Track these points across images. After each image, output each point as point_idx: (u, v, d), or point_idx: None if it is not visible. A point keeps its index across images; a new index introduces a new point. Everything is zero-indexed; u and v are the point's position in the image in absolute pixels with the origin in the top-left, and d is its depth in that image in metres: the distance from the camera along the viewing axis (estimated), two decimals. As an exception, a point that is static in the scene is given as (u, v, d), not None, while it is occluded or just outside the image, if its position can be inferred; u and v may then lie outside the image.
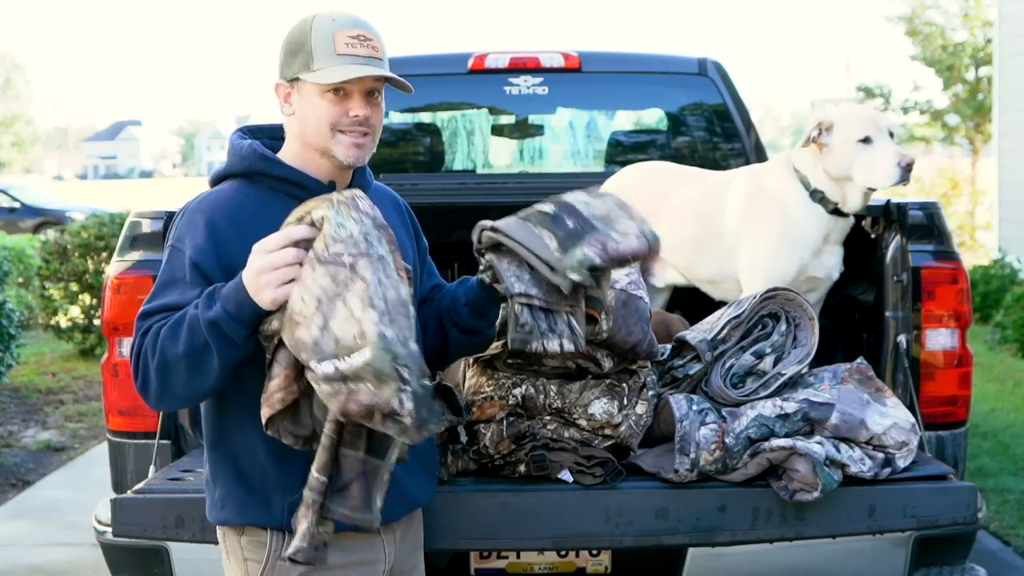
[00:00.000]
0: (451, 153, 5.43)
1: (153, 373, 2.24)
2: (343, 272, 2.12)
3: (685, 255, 3.96)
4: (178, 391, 2.26)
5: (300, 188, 2.43)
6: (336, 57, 2.37)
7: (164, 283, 2.33)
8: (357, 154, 2.42)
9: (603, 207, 2.48)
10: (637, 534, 2.84)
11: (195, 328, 2.19)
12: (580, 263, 2.37)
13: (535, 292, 2.42)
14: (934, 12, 19.29)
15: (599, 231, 2.42)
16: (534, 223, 2.44)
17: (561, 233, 2.41)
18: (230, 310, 2.18)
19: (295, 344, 2.11)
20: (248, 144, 2.47)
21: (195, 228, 2.35)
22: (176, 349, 2.21)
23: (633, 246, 2.40)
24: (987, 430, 7.12)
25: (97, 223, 10.33)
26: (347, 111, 2.40)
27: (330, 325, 2.09)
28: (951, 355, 3.47)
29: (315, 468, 2.19)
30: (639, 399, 2.87)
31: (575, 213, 2.45)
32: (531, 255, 2.41)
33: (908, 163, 3.50)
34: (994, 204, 14.07)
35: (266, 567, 2.39)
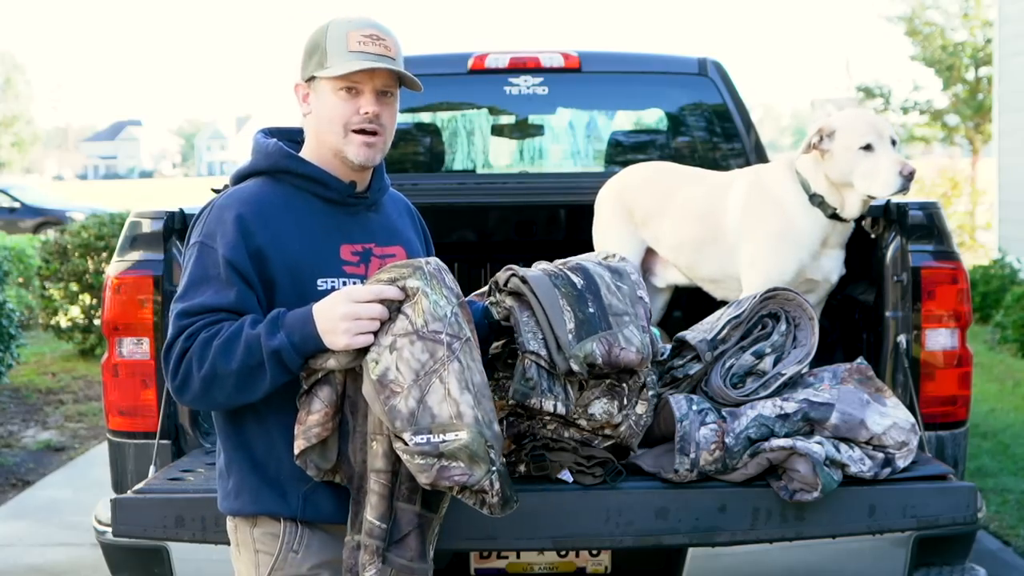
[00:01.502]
0: (451, 153, 5.43)
1: (197, 381, 2.28)
2: (441, 350, 2.23)
3: (687, 255, 3.96)
4: (218, 401, 2.33)
5: (323, 186, 2.47)
6: (348, 54, 2.41)
7: (196, 280, 2.35)
8: (368, 154, 2.45)
9: (620, 303, 2.68)
10: (637, 534, 2.84)
11: (253, 349, 2.25)
12: (585, 357, 2.59)
13: (544, 354, 2.58)
14: (934, 12, 19.28)
15: (611, 331, 2.62)
16: (562, 293, 2.61)
17: (581, 316, 2.60)
18: (295, 341, 2.25)
19: (389, 411, 2.20)
20: (273, 142, 2.51)
21: (225, 224, 2.37)
22: (229, 365, 2.26)
23: (630, 358, 2.65)
24: (987, 430, 7.12)
25: (97, 223, 10.33)
26: (358, 108, 2.43)
27: (427, 400, 2.19)
28: (951, 355, 3.47)
29: (375, 516, 2.29)
30: (639, 399, 2.87)
31: (597, 298, 2.64)
32: (548, 326, 2.57)
33: (909, 172, 3.46)
34: (994, 204, 14.07)
35: (278, 559, 2.41)
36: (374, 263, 2.47)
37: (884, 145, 3.52)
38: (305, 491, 2.38)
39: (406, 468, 2.28)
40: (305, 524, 2.41)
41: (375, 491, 2.28)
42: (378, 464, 2.28)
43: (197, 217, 2.46)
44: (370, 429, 2.30)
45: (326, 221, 2.46)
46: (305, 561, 2.40)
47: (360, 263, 2.46)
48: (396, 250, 2.54)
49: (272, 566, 2.41)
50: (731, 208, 3.79)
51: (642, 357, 2.67)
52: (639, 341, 2.66)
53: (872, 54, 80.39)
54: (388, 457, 2.28)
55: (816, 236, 3.63)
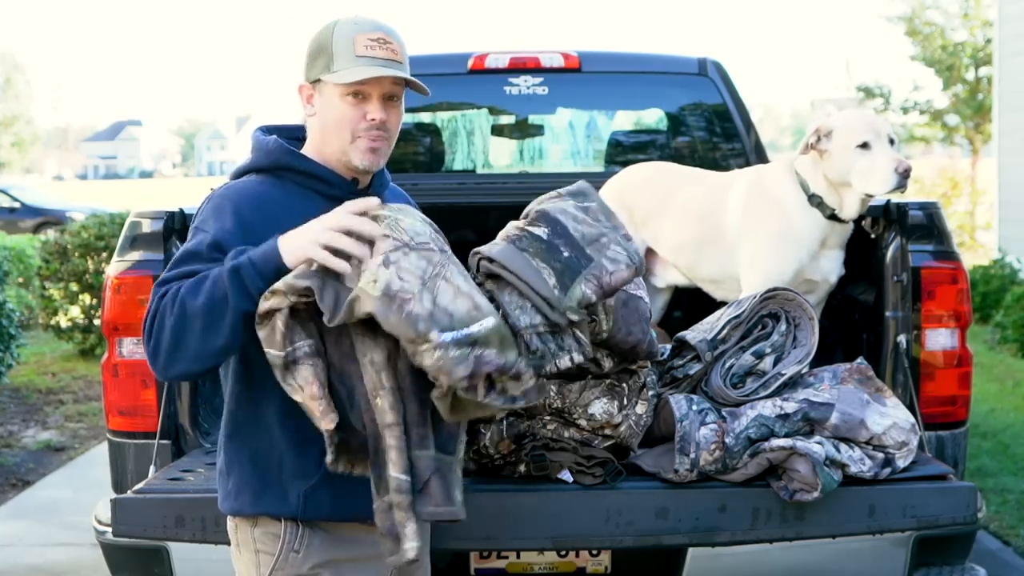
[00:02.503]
0: (451, 153, 5.43)
1: (168, 331, 2.22)
2: (436, 255, 2.25)
3: (687, 255, 3.96)
4: (190, 348, 2.23)
5: (324, 183, 2.47)
6: (355, 59, 2.40)
7: (183, 257, 2.34)
8: (372, 159, 2.46)
9: (592, 227, 2.54)
10: (637, 534, 2.84)
11: (217, 281, 2.21)
12: (579, 302, 2.46)
13: (539, 320, 2.48)
14: (934, 12, 19.27)
15: (594, 263, 2.49)
16: (531, 254, 2.49)
17: (558, 266, 2.48)
18: (254, 259, 2.22)
19: (407, 318, 2.14)
20: (273, 139, 2.50)
21: (222, 212, 2.37)
22: (196, 301, 2.21)
23: (624, 276, 2.51)
24: (987, 430, 7.12)
25: (97, 223, 10.33)
26: (365, 114, 2.43)
27: (439, 302, 2.17)
28: (951, 355, 3.47)
29: (399, 471, 2.22)
30: (639, 399, 2.88)
31: (567, 237, 2.51)
32: (531, 291, 2.46)
33: (905, 169, 3.47)
34: (994, 204, 14.07)
35: (279, 558, 2.40)
36: None
37: (881, 143, 3.53)
38: (305, 490, 2.39)
39: (412, 415, 2.25)
40: (306, 524, 2.41)
41: (392, 446, 2.23)
42: (388, 418, 2.23)
43: (198, 209, 2.46)
44: (369, 388, 2.24)
45: None
46: (306, 561, 2.41)
47: None
48: None
49: (273, 566, 2.41)
50: (731, 208, 3.80)
51: (635, 269, 2.52)
52: (625, 255, 2.52)
53: (872, 54, 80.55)
54: (395, 409, 2.23)
55: (815, 236, 3.63)
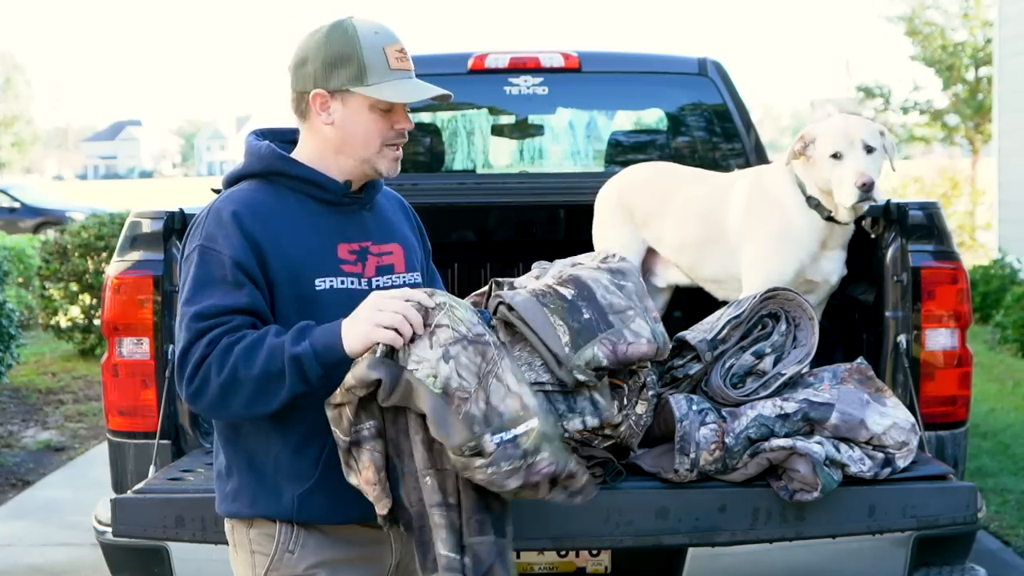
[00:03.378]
0: (451, 153, 5.43)
1: (215, 386, 2.25)
2: (491, 351, 2.25)
3: (689, 255, 3.96)
4: (233, 409, 2.29)
5: (318, 187, 2.47)
6: (391, 72, 2.41)
7: (203, 283, 2.33)
8: (397, 167, 2.49)
9: (622, 300, 2.55)
10: (637, 534, 2.84)
11: (275, 356, 2.23)
12: (587, 363, 2.46)
13: (546, 379, 2.48)
14: (934, 12, 19.27)
15: (613, 329, 2.49)
16: (551, 310, 2.49)
17: (576, 325, 2.47)
18: (317, 348, 2.23)
19: (464, 419, 2.16)
20: (266, 144, 2.50)
21: (225, 226, 2.36)
22: (249, 371, 2.24)
23: (643, 351, 2.50)
24: (987, 430, 7.12)
25: (97, 223, 10.33)
26: (393, 124, 2.45)
27: (491, 401, 2.19)
28: (951, 355, 3.47)
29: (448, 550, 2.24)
30: (639, 399, 2.87)
31: (593, 302, 2.51)
32: (541, 345, 2.47)
33: (863, 183, 3.41)
34: (994, 204, 14.07)
35: (273, 559, 2.41)
36: (371, 261, 2.47)
37: (853, 153, 3.50)
38: (300, 493, 2.38)
39: (469, 501, 2.26)
40: (300, 525, 2.41)
41: (441, 525, 2.25)
42: (436, 498, 2.25)
43: (194, 223, 2.44)
44: (419, 466, 2.25)
45: (322, 221, 2.46)
46: (301, 561, 2.41)
47: (357, 261, 2.46)
48: (393, 247, 2.54)
49: (268, 566, 2.42)
50: (732, 208, 3.80)
51: (656, 347, 2.52)
52: (649, 331, 2.53)
53: (872, 54, 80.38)
54: (443, 490, 2.25)
55: (814, 238, 3.63)
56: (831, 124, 3.62)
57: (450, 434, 2.15)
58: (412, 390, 2.18)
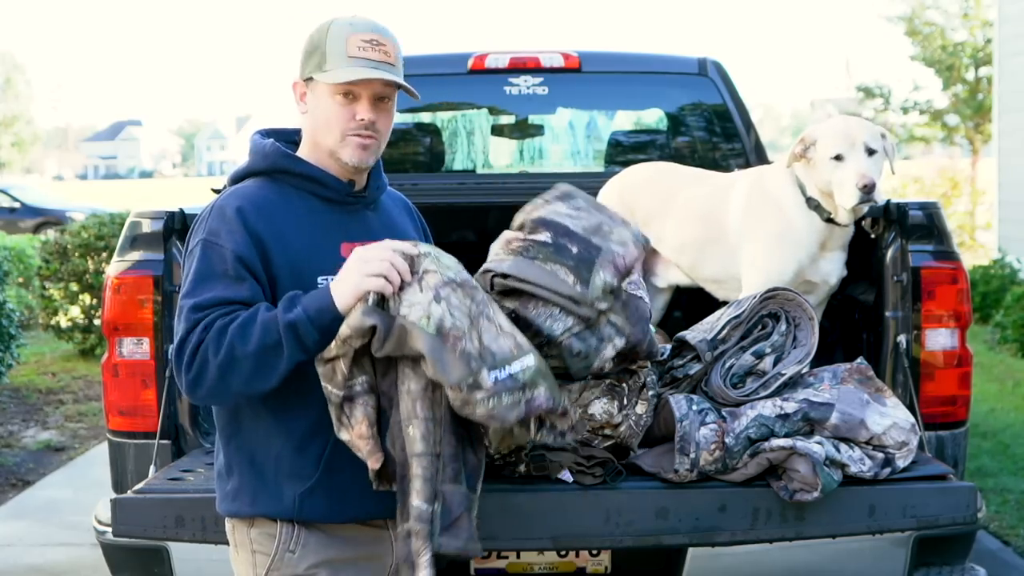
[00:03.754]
0: (451, 153, 5.43)
1: (213, 368, 2.26)
2: (479, 293, 2.30)
3: (690, 255, 3.96)
4: (233, 388, 2.29)
5: (321, 185, 2.48)
6: (347, 59, 2.41)
7: (204, 276, 2.34)
8: (362, 156, 2.46)
9: (589, 218, 2.58)
10: (637, 534, 2.83)
11: (269, 328, 2.25)
12: (603, 290, 2.50)
13: (572, 322, 2.51)
14: (934, 12, 19.27)
15: (603, 250, 2.53)
16: (542, 260, 2.52)
17: (571, 263, 2.51)
18: (311, 313, 2.25)
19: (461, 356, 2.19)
20: (271, 143, 2.52)
21: (229, 221, 2.37)
22: (246, 347, 2.25)
23: (634, 254, 2.56)
24: (987, 430, 7.12)
25: (97, 223, 10.33)
26: (354, 114, 2.44)
27: (484, 341, 2.22)
28: (951, 355, 3.47)
29: (422, 500, 2.25)
30: (639, 399, 2.87)
31: (570, 235, 2.53)
32: (554, 295, 2.49)
33: (865, 185, 3.42)
34: (994, 204, 14.07)
35: (274, 559, 2.41)
36: None
37: (854, 155, 3.50)
38: (301, 492, 2.39)
39: (449, 449, 2.28)
40: (301, 524, 2.41)
41: (419, 475, 2.26)
42: (417, 448, 2.26)
43: (198, 218, 2.45)
44: (403, 416, 2.27)
45: (325, 219, 2.47)
46: (302, 561, 2.41)
47: None
48: None
49: (269, 566, 2.42)
50: (733, 208, 3.80)
51: (641, 245, 2.60)
52: (630, 236, 2.59)
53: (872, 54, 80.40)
54: (425, 439, 2.26)
55: (814, 239, 3.63)
56: (832, 126, 3.61)
57: (448, 371, 2.18)
58: (407, 334, 2.20)
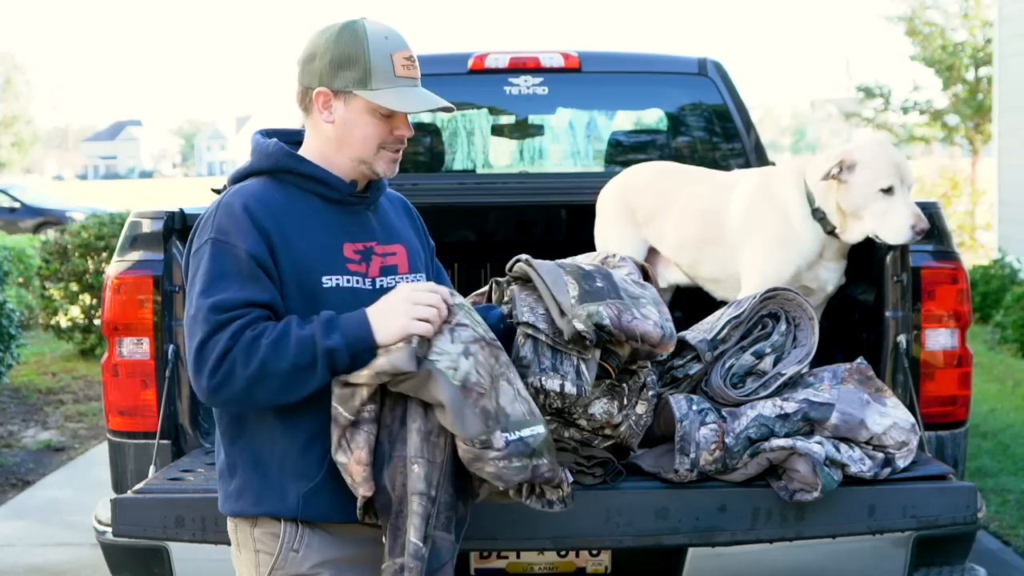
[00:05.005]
0: (451, 153, 5.43)
1: (241, 379, 2.27)
2: (503, 356, 2.37)
3: (690, 253, 3.96)
4: (257, 400, 2.31)
5: (325, 186, 2.48)
6: (395, 79, 2.42)
7: (218, 275, 2.33)
8: (393, 169, 2.51)
9: (638, 290, 2.65)
10: (637, 534, 2.84)
11: (304, 348, 2.27)
12: (590, 316, 2.50)
13: (543, 327, 2.52)
14: (934, 12, 19.27)
15: (623, 301, 2.56)
16: (567, 271, 2.58)
17: (587, 287, 2.55)
18: (350, 342, 2.28)
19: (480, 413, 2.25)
20: (274, 142, 2.51)
21: (238, 219, 2.37)
22: (279, 364, 2.26)
23: (646, 328, 2.57)
24: (987, 430, 7.12)
25: (97, 223, 10.32)
26: (392, 130, 2.46)
27: (500, 402, 2.28)
28: (951, 355, 3.46)
29: (419, 538, 2.29)
30: (639, 399, 2.87)
31: (609, 279, 2.60)
32: (549, 294, 2.52)
33: (922, 229, 3.36)
34: (994, 204, 14.07)
35: (278, 558, 2.41)
36: (375, 261, 2.48)
37: (903, 191, 3.44)
38: (305, 492, 2.39)
39: (445, 496, 2.32)
40: (305, 524, 2.41)
41: (418, 513, 2.28)
42: (420, 487, 2.29)
43: (203, 217, 2.44)
44: (410, 453, 2.30)
45: (328, 220, 2.47)
46: (305, 560, 2.41)
47: (362, 261, 2.47)
48: (397, 248, 2.54)
49: (272, 565, 2.42)
50: (734, 208, 3.79)
51: (662, 334, 2.57)
52: (657, 317, 2.58)
53: (872, 54, 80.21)
54: (427, 480, 2.30)
55: (813, 248, 3.62)
56: (875, 152, 3.49)
57: (466, 426, 2.23)
58: (430, 379, 2.25)
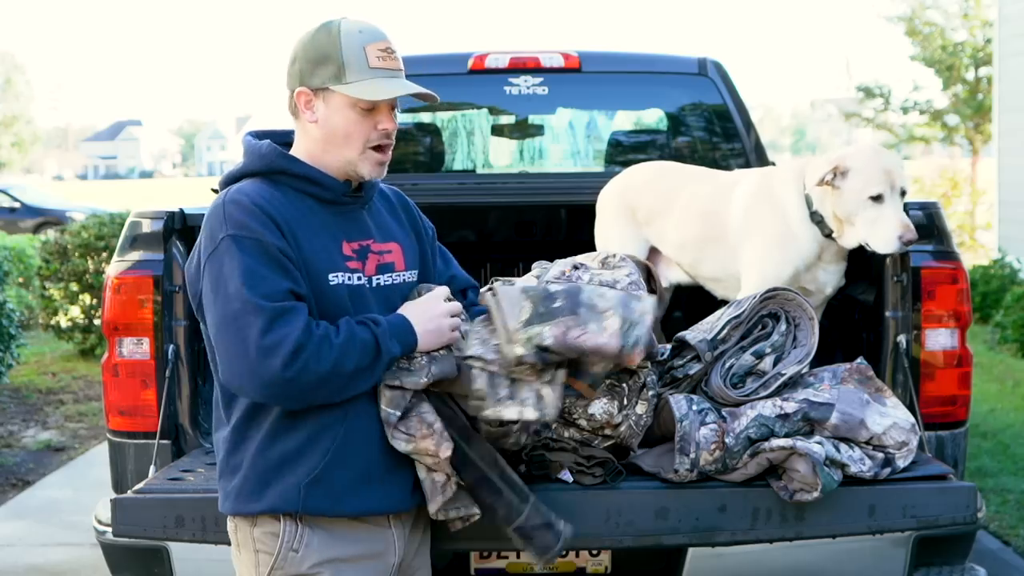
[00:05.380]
0: (451, 153, 5.43)
1: (314, 377, 2.30)
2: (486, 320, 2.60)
3: (690, 253, 3.96)
4: (319, 397, 2.36)
5: (318, 186, 2.48)
6: (370, 71, 2.41)
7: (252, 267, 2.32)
8: (380, 171, 2.50)
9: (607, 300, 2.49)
10: (637, 534, 2.84)
11: (367, 350, 2.35)
12: (530, 339, 2.42)
13: (492, 357, 2.46)
14: (934, 12, 19.27)
15: (576, 317, 2.43)
16: (529, 295, 2.50)
17: (542, 308, 2.46)
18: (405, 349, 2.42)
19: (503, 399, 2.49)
20: (267, 143, 2.51)
21: (252, 213, 2.37)
22: (347, 366, 2.33)
23: (598, 342, 2.42)
24: (987, 430, 7.12)
25: (97, 223, 10.33)
26: (376, 124, 2.45)
27: None
28: (951, 355, 3.46)
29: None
30: (639, 399, 2.87)
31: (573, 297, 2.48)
32: (500, 321, 2.48)
33: (909, 240, 3.35)
34: (994, 204, 14.07)
35: (278, 557, 2.41)
36: (372, 259, 2.49)
37: (893, 199, 3.42)
38: (306, 483, 2.38)
39: None
40: (305, 522, 2.41)
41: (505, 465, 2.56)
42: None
43: (208, 221, 2.42)
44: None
45: (325, 219, 2.47)
46: (305, 560, 2.41)
47: (359, 259, 2.48)
48: (392, 246, 2.55)
49: (272, 565, 2.42)
50: (735, 207, 3.79)
51: (621, 345, 2.43)
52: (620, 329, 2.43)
53: (872, 54, 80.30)
54: None
55: (812, 250, 3.62)
56: (867, 160, 3.47)
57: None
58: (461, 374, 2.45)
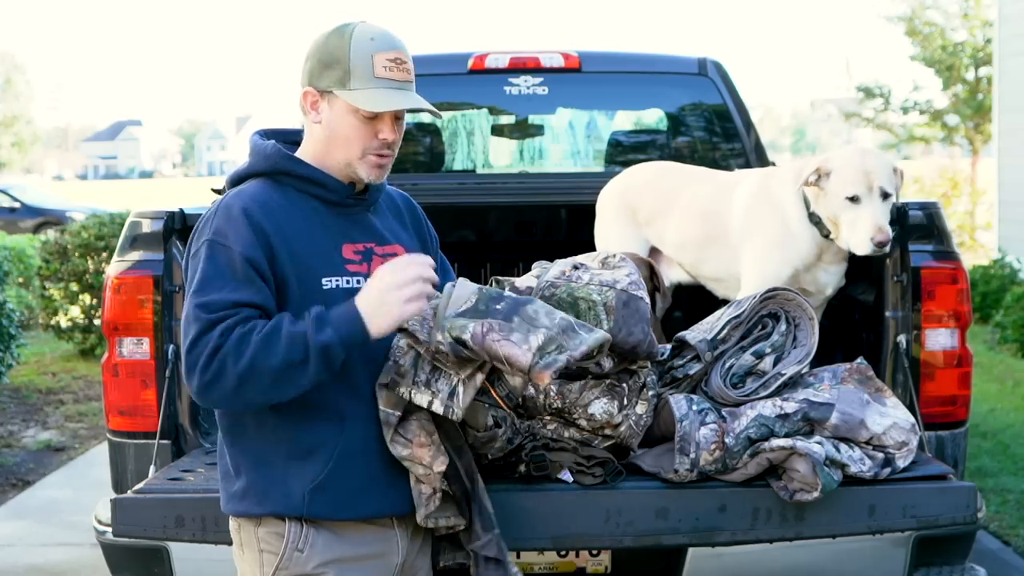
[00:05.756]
0: (451, 153, 5.43)
1: (232, 376, 2.26)
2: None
3: (691, 252, 3.96)
4: (249, 398, 2.30)
5: (322, 188, 2.48)
6: (374, 80, 2.40)
7: (212, 276, 2.33)
8: (379, 174, 2.49)
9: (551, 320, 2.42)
10: (637, 534, 2.83)
11: (296, 344, 2.25)
12: (452, 328, 2.37)
13: (423, 339, 2.40)
14: (934, 12, 19.27)
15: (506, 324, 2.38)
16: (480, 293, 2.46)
17: (481, 307, 2.42)
18: (343, 337, 2.27)
19: None
20: (272, 144, 2.51)
21: (235, 222, 2.36)
22: (270, 361, 2.25)
23: (512, 351, 2.34)
24: (987, 430, 7.12)
25: (97, 223, 10.33)
26: (376, 133, 2.44)
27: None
28: (951, 355, 3.46)
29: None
30: (639, 399, 2.87)
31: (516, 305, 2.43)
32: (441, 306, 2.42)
33: (880, 241, 3.36)
34: (994, 204, 14.07)
35: (282, 558, 2.41)
36: (376, 262, 2.48)
37: (870, 200, 3.42)
38: (310, 489, 2.39)
39: None
40: (310, 523, 2.41)
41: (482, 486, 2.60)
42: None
43: (203, 219, 2.44)
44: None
45: (327, 221, 2.47)
46: (310, 560, 2.41)
47: (362, 262, 2.47)
48: (396, 249, 2.54)
49: (277, 565, 2.41)
50: (736, 207, 3.79)
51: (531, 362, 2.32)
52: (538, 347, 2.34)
53: (872, 54, 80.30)
54: None
55: (810, 251, 3.62)
56: (849, 161, 3.48)
57: None
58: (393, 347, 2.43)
